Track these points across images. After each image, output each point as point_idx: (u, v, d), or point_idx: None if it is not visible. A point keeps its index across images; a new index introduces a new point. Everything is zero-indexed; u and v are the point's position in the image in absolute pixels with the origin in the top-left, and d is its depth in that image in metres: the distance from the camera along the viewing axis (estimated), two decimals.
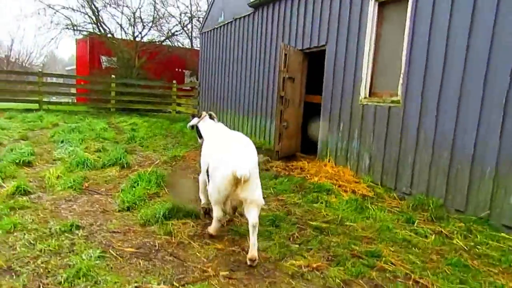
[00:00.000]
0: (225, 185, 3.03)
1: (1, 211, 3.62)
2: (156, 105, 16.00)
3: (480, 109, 4.28)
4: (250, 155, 3.18)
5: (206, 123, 4.13)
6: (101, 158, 5.94)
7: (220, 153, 3.22)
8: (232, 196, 3.12)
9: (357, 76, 6.07)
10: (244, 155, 3.12)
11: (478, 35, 4.31)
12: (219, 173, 3.08)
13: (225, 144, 3.37)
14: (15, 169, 5.15)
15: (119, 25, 18.20)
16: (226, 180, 3.00)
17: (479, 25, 4.31)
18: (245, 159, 3.05)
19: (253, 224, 2.98)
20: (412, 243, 3.55)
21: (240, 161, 2.97)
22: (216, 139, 3.57)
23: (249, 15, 9.72)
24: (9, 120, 10.13)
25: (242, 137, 3.53)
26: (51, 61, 42.80)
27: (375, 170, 5.69)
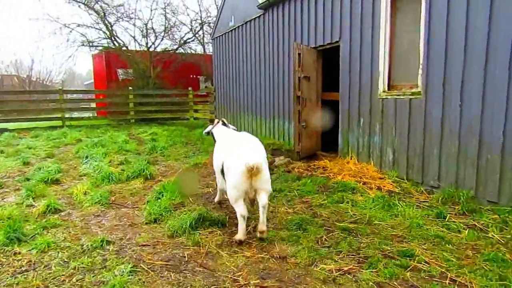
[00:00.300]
0: (242, 180, 3.36)
1: (34, 230, 3.73)
2: (174, 113, 16.20)
3: (507, 93, 4.10)
4: (258, 149, 3.62)
5: (219, 129, 4.55)
6: (125, 171, 6.04)
7: (232, 153, 3.58)
8: (249, 189, 3.43)
9: (374, 70, 5.96)
10: (253, 150, 3.56)
11: (500, 13, 4.13)
12: (234, 171, 3.42)
13: (235, 144, 3.77)
14: (44, 188, 5.30)
15: (133, 37, 18.50)
16: (242, 175, 3.34)
17: (501, 3, 4.14)
18: (254, 152, 3.49)
19: (263, 205, 3.41)
20: (445, 239, 3.45)
21: (250, 155, 3.38)
22: (226, 142, 3.97)
23: (259, 17, 9.70)
24: (35, 138, 10.47)
25: (249, 136, 4.01)
26: (70, 77, 44.00)
27: (399, 164, 5.57)
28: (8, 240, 3.43)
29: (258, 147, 3.71)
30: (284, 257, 3.14)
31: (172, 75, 17.73)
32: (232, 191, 3.46)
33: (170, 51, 18.70)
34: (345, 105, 6.72)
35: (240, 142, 3.83)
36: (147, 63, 17.20)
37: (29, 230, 3.74)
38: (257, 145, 3.73)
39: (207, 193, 5.12)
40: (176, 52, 18.68)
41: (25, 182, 5.64)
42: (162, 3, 19.73)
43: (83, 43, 17.25)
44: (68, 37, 18.35)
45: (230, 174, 3.48)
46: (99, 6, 16.84)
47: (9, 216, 4.04)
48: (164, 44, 19.20)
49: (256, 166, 3.27)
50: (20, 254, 3.25)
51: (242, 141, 3.85)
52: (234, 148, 3.67)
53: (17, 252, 3.27)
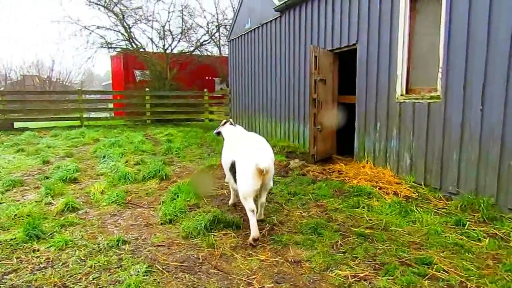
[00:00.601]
0: (255, 181, 3.56)
1: (53, 228, 3.80)
2: (189, 114, 16.34)
3: None
4: (267, 151, 3.85)
5: (227, 128, 4.73)
6: (141, 171, 6.11)
7: (244, 154, 3.72)
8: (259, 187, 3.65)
9: (392, 73, 5.87)
10: (264, 151, 3.77)
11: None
12: (248, 172, 3.56)
13: (245, 145, 3.92)
14: (63, 186, 5.41)
15: (150, 39, 18.75)
16: (255, 176, 3.53)
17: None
18: (265, 154, 3.71)
19: (262, 203, 3.92)
20: (465, 247, 3.36)
21: (262, 156, 3.60)
22: (235, 141, 4.18)
23: (275, 19, 9.70)
24: (54, 138, 10.70)
25: (257, 136, 4.22)
26: (88, 78, 44.91)
27: (417, 169, 5.47)
28: (28, 237, 3.50)
29: (266, 148, 3.92)
30: (298, 261, 3.11)
31: (188, 76, 17.90)
32: (245, 190, 3.62)
33: (187, 53, 18.89)
34: (361, 108, 6.64)
35: (249, 143, 3.99)
36: (163, 64, 17.41)
37: (48, 227, 3.81)
38: (266, 146, 3.95)
39: (221, 194, 5.13)
40: (192, 54, 18.86)
41: (45, 180, 5.77)
42: (179, 6, 19.98)
43: (102, 44, 17.58)
44: (88, 38, 18.83)
45: (244, 175, 3.62)
46: (118, 9, 17.14)
47: (29, 213, 4.14)
48: (181, 46, 19.46)
49: (267, 168, 3.48)
50: (38, 251, 3.32)
51: (252, 142, 4.01)
52: (245, 148, 3.83)
53: (36, 249, 3.34)
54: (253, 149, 3.78)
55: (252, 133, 4.55)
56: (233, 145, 4.11)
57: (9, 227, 3.84)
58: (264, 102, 10.66)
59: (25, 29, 70.36)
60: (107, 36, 20.59)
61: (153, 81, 17.34)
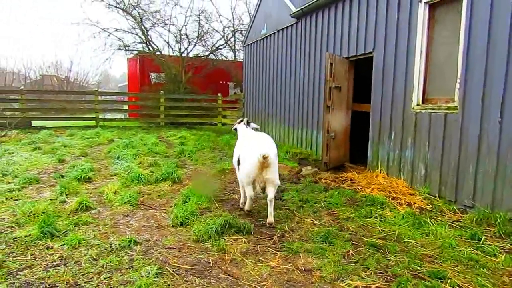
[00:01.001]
0: (254, 169, 4.06)
1: (66, 226, 3.86)
2: (203, 118, 16.44)
3: None
4: (270, 145, 4.29)
5: (241, 127, 5.22)
6: (154, 173, 6.17)
7: (247, 146, 4.35)
8: (259, 178, 4.12)
9: (408, 82, 5.82)
10: (266, 145, 4.25)
11: None
12: (248, 161, 4.14)
13: (250, 140, 4.49)
14: (77, 185, 5.49)
15: (167, 42, 19.07)
16: (254, 165, 4.03)
17: None
18: (267, 147, 4.15)
19: (270, 199, 4.13)
20: (480, 262, 3.28)
21: (263, 148, 4.06)
22: (244, 139, 4.75)
23: (291, 26, 9.73)
24: (70, 137, 10.89)
25: (264, 135, 4.77)
26: (105, 80, 45.68)
27: (432, 181, 5.38)
28: (42, 234, 3.56)
29: (270, 144, 4.37)
30: (309, 270, 3.09)
31: (202, 80, 18.03)
32: (243, 177, 4.23)
33: (202, 57, 19.05)
34: (376, 117, 6.59)
35: (255, 139, 4.54)
36: (179, 68, 17.58)
37: (62, 225, 3.87)
38: (270, 142, 4.41)
39: (233, 199, 5.14)
40: (207, 58, 19.01)
41: (60, 179, 5.87)
42: (196, 10, 20.18)
43: (120, 47, 17.85)
44: (106, 41, 19.12)
45: (244, 164, 4.20)
46: (137, 12, 17.41)
47: (44, 211, 4.21)
48: (196, 50, 19.67)
49: (266, 156, 3.92)
50: (52, 248, 3.37)
51: (257, 138, 4.56)
52: (249, 143, 4.40)
53: (50, 247, 3.39)
54: (255, 142, 4.39)
55: (260, 133, 5.02)
56: (241, 143, 4.70)
57: (24, 223, 3.92)
58: (278, 108, 10.67)
59: (45, 30, 72.12)
60: (124, 38, 20.93)
61: (168, 84, 17.52)
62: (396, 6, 6.03)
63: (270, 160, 3.99)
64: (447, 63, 5.26)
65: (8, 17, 63.13)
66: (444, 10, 5.39)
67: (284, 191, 5.51)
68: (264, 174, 4.06)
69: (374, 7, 6.57)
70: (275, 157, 4.22)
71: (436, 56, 5.52)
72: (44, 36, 66.97)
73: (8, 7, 63.07)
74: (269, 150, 4.06)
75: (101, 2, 16.75)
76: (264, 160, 3.92)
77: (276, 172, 4.19)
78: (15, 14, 68.03)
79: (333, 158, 7.18)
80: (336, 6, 7.74)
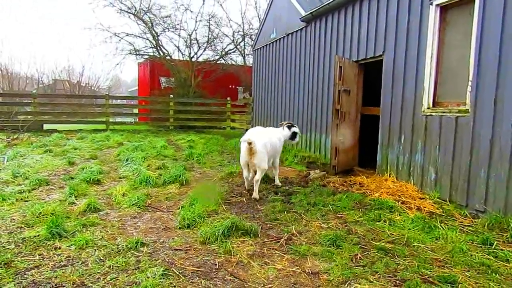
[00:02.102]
0: (243, 155, 5.29)
1: (74, 227, 3.88)
2: (212, 122, 16.52)
3: None
4: (258, 137, 5.28)
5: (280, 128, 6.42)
6: (162, 176, 6.19)
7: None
8: (250, 162, 5.26)
9: (419, 85, 5.75)
10: (254, 136, 5.28)
11: None
12: (241, 148, 5.32)
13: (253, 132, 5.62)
14: (86, 187, 5.53)
15: (177, 47, 19.14)
16: (243, 150, 5.26)
17: None
18: (253, 137, 5.19)
19: (256, 180, 5.26)
20: (492, 268, 3.20)
21: (249, 136, 5.18)
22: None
23: (301, 30, 9.73)
24: (80, 140, 11.02)
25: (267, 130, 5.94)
26: (115, 84, 46.19)
27: (442, 185, 5.29)
28: (50, 235, 3.59)
29: (259, 135, 5.39)
30: (316, 273, 3.05)
31: (212, 84, 18.13)
32: (240, 159, 5.44)
33: (212, 61, 19.17)
34: (385, 120, 6.52)
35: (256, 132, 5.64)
36: (188, 72, 17.72)
37: (70, 226, 3.89)
38: (261, 134, 5.46)
39: (240, 202, 5.12)
40: (217, 63, 19.12)
41: (69, 180, 5.93)
42: (206, 15, 20.29)
43: (131, 51, 18.09)
44: (117, 45, 19.39)
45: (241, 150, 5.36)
46: (148, 17, 17.63)
47: (53, 212, 4.24)
48: (206, 55, 19.71)
49: (250, 141, 5.07)
50: (60, 249, 3.39)
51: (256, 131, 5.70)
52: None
53: (58, 247, 3.41)
54: (249, 133, 5.51)
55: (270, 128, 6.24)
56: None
57: (34, 224, 3.95)
58: (286, 112, 10.65)
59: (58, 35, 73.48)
60: (135, 43, 21.24)
61: (177, 88, 17.66)
62: (407, 9, 5.98)
63: (254, 148, 5.11)
64: (459, 66, 5.19)
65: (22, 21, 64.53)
66: (456, 12, 5.33)
67: (292, 194, 5.47)
68: (252, 159, 5.18)
69: (384, 10, 6.53)
70: (262, 147, 5.22)
71: (447, 59, 5.46)
72: (57, 40, 68.19)
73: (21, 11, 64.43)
74: (255, 140, 5.13)
75: (113, 7, 17.00)
76: (250, 146, 5.08)
77: (262, 159, 5.22)
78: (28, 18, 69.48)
79: (342, 161, 7.12)
80: (346, 9, 7.72)
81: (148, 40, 18.15)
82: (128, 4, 17.20)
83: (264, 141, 5.30)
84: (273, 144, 5.68)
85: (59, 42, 68.41)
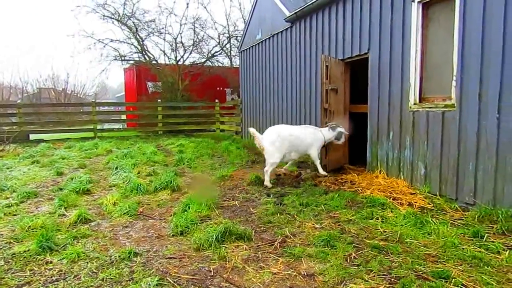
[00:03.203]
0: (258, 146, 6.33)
1: (65, 240, 3.82)
2: (201, 125, 16.45)
3: None
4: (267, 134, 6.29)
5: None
6: (153, 182, 6.12)
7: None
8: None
9: (405, 82, 5.81)
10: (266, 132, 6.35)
11: None
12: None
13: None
14: (76, 198, 5.45)
15: (162, 51, 19.04)
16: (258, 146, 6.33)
17: None
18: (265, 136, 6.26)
19: (265, 170, 6.17)
20: (484, 260, 3.24)
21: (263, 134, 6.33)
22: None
23: (286, 30, 9.75)
24: (68, 149, 10.87)
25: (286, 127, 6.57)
26: (102, 90, 45.69)
27: (432, 179, 5.36)
28: (41, 249, 3.52)
29: (269, 132, 6.29)
30: (311, 275, 3.05)
31: (199, 87, 18.07)
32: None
33: (198, 64, 19.10)
34: (373, 117, 6.58)
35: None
36: (175, 76, 17.62)
37: (61, 239, 3.83)
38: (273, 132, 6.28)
39: (233, 206, 5.10)
40: (203, 65, 19.05)
41: (58, 191, 5.83)
42: (191, 18, 20.25)
43: (116, 57, 17.91)
44: (102, 52, 19.20)
45: None
46: (132, 22, 17.49)
47: (42, 225, 4.16)
48: (192, 58, 19.67)
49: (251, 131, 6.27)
50: (51, 263, 3.32)
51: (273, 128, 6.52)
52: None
53: (49, 261, 3.35)
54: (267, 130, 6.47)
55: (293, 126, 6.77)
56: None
57: (23, 238, 3.87)
58: (276, 112, 10.66)
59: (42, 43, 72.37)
60: (120, 49, 21.02)
61: (165, 92, 17.55)
62: (390, 7, 6.04)
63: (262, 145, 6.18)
64: (443, 61, 5.26)
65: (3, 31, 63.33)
66: (438, 9, 5.40)
67: (284, 196, 5.47)
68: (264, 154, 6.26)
69: (367, 8, 6.58)
70: (271, 142, 6.12)
71: (431, 54, 5.52)
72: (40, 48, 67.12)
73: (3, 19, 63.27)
74: (264, 137, 6.23)
75: (96, 13, 16.81)
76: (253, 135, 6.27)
77: (271, 154, 6.12)
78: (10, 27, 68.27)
79: (333, 160, 7.15)
80: (330, 8, 7.76)
81: (133, 45, 18.03)
82: (111, 10, 17.05)
83: (272, 138, 6.17)
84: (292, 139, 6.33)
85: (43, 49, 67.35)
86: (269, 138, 6.17)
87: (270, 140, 6.13)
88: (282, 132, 6.26)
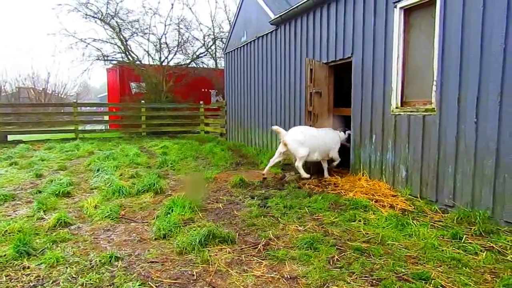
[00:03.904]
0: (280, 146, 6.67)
1: (44, 244, 3.72)
2: (185, 127, 16.34)
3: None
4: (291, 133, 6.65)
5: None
6: (136, 185, 6.04)
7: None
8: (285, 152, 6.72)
9: (387, 86, 5.91)
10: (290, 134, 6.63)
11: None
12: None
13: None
14: (55, 201, 5.33)
15: (146, 52, 18.82)
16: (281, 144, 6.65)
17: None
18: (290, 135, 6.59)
19: (296, 166, 6.60)
20: (462, 261, 3.32)
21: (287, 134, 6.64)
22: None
23: (271, 33, 9.79)
24: (48, 151, 10.62)
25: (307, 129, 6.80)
26: (84, 90, 44.86)
27: (413, 182, 5.46)
28: (18, 254, 3.42)
29: (293, 131, 6.66)
30: (295, 278, 3.06)
31: (184, 89, 17.95)
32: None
33: (183, 65, 18.96)
34: (356, 120, 6.66)
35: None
36: (159, 77, 17.46)
37: (39, 244, 3.73)
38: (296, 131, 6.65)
39: (216, 208, 5.08)
40: (188, 67, 18.93)
41: (37, 194, 5.69)
42: (176, 19, 20.09)
43: (98, 57, 17.63)
44: (84, 51, 18.81)
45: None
46: (115, 22, 17.26)
47: (20, 229, 4.05)
48: (177, 59, 19.47)
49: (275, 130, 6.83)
50: (29, 268, 3.23)
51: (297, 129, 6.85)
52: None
53: (26, 267, 3.25)
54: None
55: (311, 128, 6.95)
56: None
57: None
58: (260, 114, 10.68)
59: (21, 41, 70.61)
60: (103, 48, 20.73)
61: (149, 93, 17.38)
62: (372, 12, 6.14)
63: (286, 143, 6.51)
64: (424, 66, 5.37)
65: None
66: (419, 15, 5.51)
67: (268, 198, 5.48)
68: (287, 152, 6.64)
69: (351, 13, 6.68)
70: (292, 141, 6.48)
71: (413, 59, 5.64)
72: (20, 47, 65.47)
73: None
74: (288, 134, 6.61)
75: (78, 12, 16.52)
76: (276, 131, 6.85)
77: (296, 149, 6.48)
78: None
79: None
80: (314, 12, 7.83)
81: (117, 45, 17.78)
82: (94, 9, 16.81)
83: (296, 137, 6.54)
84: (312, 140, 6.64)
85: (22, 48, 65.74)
86: (293, 134, 6.56)
87: (293, 137, 6.50)
88: (306, 131, 6.65)
